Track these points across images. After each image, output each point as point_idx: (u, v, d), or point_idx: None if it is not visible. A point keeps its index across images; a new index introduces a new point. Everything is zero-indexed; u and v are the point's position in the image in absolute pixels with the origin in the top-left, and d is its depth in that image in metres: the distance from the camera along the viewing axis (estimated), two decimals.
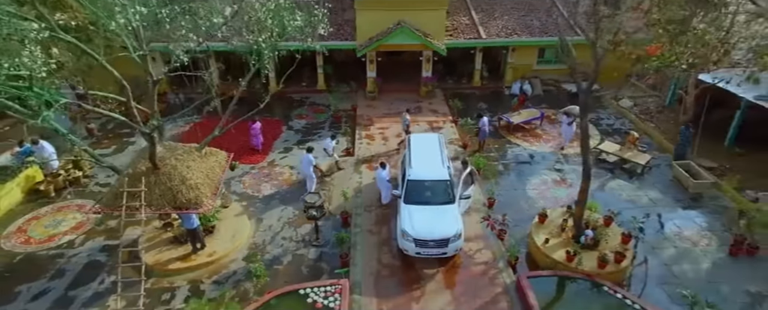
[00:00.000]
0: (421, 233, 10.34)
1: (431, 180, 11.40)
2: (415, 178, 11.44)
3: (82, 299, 9.86)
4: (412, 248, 10.40)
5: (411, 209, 10.91)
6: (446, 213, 10.82)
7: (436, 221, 10.58)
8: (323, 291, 9.60)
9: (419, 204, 11.01)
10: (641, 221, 10.86)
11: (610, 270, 10.09)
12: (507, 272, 10.45)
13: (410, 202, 11.10)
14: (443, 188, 11.30)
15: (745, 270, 10.52)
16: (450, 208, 10.97)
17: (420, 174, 11.51)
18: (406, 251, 10.55)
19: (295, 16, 10.23)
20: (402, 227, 10.58)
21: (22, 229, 12.01)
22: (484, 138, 15.76)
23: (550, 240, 10.91)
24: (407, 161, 12.24)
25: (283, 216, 12.59)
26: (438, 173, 11.58)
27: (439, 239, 10.29)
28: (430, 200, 11.11)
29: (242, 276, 10.48)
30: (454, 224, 10.54)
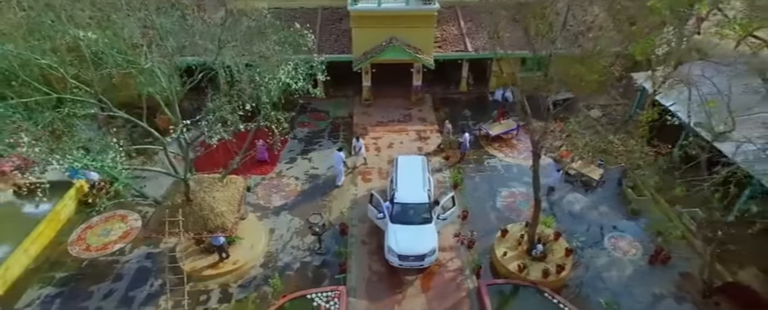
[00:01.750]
0: (403, 249, 12.93)
1: (413, 203, 13.81)
2: (400, 201, 13.88)
3: (139, 299, 12.69)
4: (395, 261, 13.04)
5: (395, 227, 13.43)
6: (424, 232, 13.35)
7: (415, 239, 13.13)
8: (325, 296, 12.38)
9: (403, 223, 13.51)
10: (581, 240, 13.50)
11: (551, 279, 12.82)
12: (471, 279, 13.19)
13: (395, 221, 13.60)
14: (423, 210, 13.75)
15: (657, 276, 13.23)
16: (428, 227, 13.48)
17: (404, 198, 13.93)
18: (391, 262, 13.22)
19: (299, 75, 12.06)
20: (388, 244, 13.17)
21: (81, 237, 14.68)
22: (465, 151, 18.05)
23: (507, 253, 13.57)
24: (394, 184, 14.60)
25: (291, 226, 15.21)
26: (419, 197, 13.98)
27: (418, 255, 12.91)
28: (411, 220, 13.58)
29: (261, 281, 13.25)
30: (430, 242, 13.12)
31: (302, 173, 17.59)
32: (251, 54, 11.53)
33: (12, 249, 13.30)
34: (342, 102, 21.85)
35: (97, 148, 9.40)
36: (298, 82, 11.93)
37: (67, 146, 9.08)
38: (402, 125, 20.14)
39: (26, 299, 12.60)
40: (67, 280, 13.24)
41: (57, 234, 14.73)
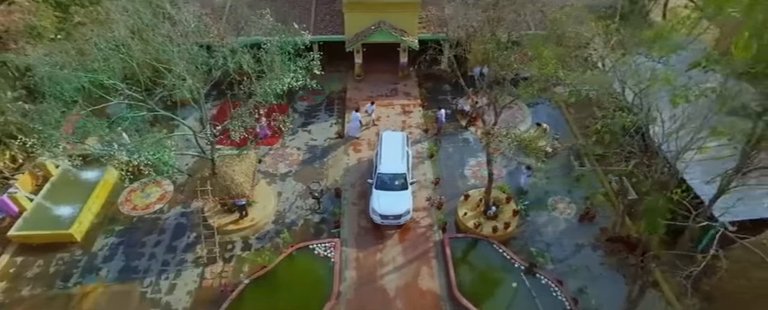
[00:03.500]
0: (384, 210, 16.47)
1: (393, 173, 17.19)
2: (383, 172, 17.24)
3: (180, 247, 16.54)
4: (378, 219, 16.64)
5: (379, 193, 16.90)
6: (402, 196, 16.82)
7: (394, 202, 16.63)
8: (324, 246, 16.19)
9: (384, 190, 16.96)
10: (525, 203, 17.02)
11: (499, 234, 16.49)
12: (438, 234, 16.89)
13: (378, 188, 17.03)
14: (401, 179, 17.15)
15: (582, 230, 16.87)
16: (404, 193, 16.95)
17: (386, 169, 17.28)
18: (374, 220, 16.84)
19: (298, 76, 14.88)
20: (372, 206, 16.71)
21: (127, 199, 18.33)
22: (441, 125, 21.11)
23: (467, 213, 17.16)
24: (379, 157, 17.87)
25: (296, 190, 18.75)
26: (398, 168, 17.33)
27: (396, 215, 16.48)
28: (391, 187, 17.01)
29: (273, 234, 17.00)
30: (405, 205, 16.63)
31: (303, 144, 20.85)
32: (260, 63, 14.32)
33: (81, 207, 17.03)
34: (336, 77, 24.55)
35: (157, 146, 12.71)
36: (298, 80, 14.81)
37: (146, 143, 12.44)
38: (389, 100, 23.03)
39: (98, 245, 16.52)
40: (124, 232, 17.07)
41: (108, 196, 18.38)
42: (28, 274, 15.65)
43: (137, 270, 15.84)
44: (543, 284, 14.97)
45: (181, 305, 14.83)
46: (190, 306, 14.76)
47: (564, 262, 15.88)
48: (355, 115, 20.86)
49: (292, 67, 14.49)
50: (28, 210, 16.98)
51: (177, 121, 15.04)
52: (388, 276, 15.49)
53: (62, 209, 17.36)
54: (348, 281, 15.35)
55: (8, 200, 16.74)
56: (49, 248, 16.36)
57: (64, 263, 16.01)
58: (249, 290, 14.95)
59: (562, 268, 15.68)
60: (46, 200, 17.60)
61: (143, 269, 15.88)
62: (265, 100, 14.27)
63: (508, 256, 15.83)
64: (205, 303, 14.83)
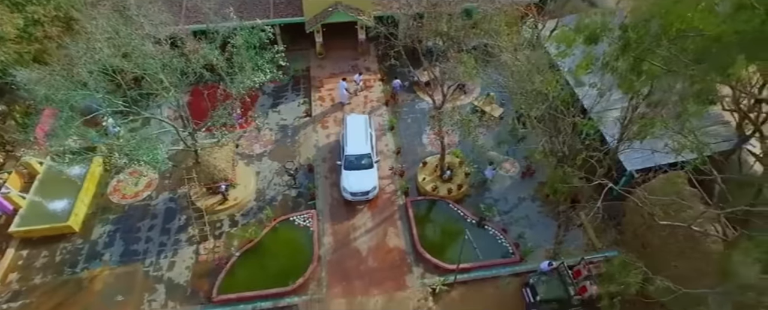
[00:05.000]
0: (353, 188, 18.41)
1: (359, 154, 18.96)
2: (349, 153, 18.98)
3: (174, 229, 18.45)
4: (349, 196, 18.58)
5: (347, 173, 18.76)
6: (368, 175, 18.69)
7: (361, 180, 18.51)
8: (303, 217, 18.44)
9: (352, 169, 18.79)
10: (474, 166, 19.57)
11: (454, 194, 19.11)
12: (402, 198, 19.35)
13: (347, 168, 18.83)
14: (366, 159, 18.93)
15: (524, 185, 19.71)
16: (370, 171, 18.80)
17: (352, 150, 19.01)
18: (346, 197, 18.87)
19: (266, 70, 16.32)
20: (342, 185, 18.62)
21: (116, 188, 19.81)
22: (397, 92, 23.14)
23: (426, 178, 19.61)
24: (344, 140, 19.50)
25: (272, 168, 20.63)
26: (363, 149, 19.07)
27: (364, 191, 18.42)
28: (358, 166, 18.83)
29: (257, 210, 19.06)
30: (372, 182, 18.54)
31: (274, 124, 22.44)
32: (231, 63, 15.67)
33: (74, 200, 18.47)
34: (299, 56, 25.66)
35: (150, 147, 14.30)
36: (267, 75, 16.27)
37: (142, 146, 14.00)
38: (351, 76, 24.53)
39: (96, 234, 18.22)
40: (118, 220, 18.76)
41: (97, 187, 19.79)
42: (37, 264, 17.34)
43: (137, 252, 17.77)
44: (491, 234, 17.88)
45: (182, 278, 17.02)
46: (190, 279, 16.97)
47: (508, 214, 18.75)
48: (342, 84, 22.84)
49: (260, 63, 15.87)
50: (24, 207, 18.31)
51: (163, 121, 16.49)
52: (360, 238, 18.02)
53: (55, 203, 18.75)
54: (326, 246, 17.80)
55: (2, 199, 17.97)
56: (51, 240, 17.97)
57: (68, 252, 17.73)
58: (240, 261, 17.23)
59: (507, 219, 18.57)
60: (39, 196, 18.88)
61: (142, 250, 17.82)
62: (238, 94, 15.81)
63: (462, 213, 18.56)
64: (203, 276, 17.06)
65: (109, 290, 16.73)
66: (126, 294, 16.60)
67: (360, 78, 23.74)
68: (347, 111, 22.53)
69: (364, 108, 23.15)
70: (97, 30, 14.00)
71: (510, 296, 16.36)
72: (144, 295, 16.59)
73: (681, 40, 10.92)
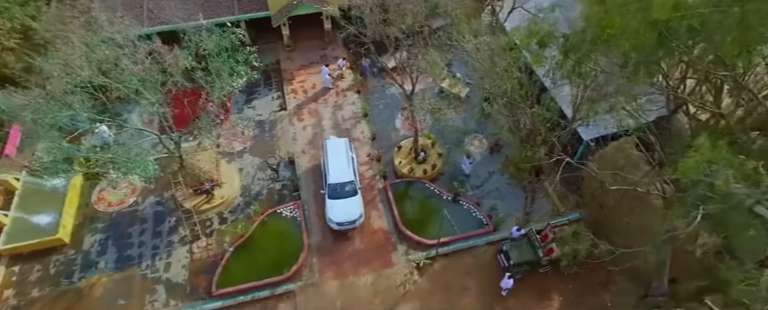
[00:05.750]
0: (338, 218, 18.15)
1: (342, 182, 18.66)
2: (332, 182, 18.69)
3: (165, 232, 19.05)
4: (334, 226, 18.35)
5: (332, 202, 18.39)
6: (353, 203, 18.35)
7: (347, 209, 18.22)
8: (289, 209, 19.39)
9: (336, 198, 18.43)
10: (446, 146, 20.89)
11: (429, 175, 20.43)
12: (381, 182, 20.53)
13: (331, 197, 18.51)
14: (350, 186, 18.68)
15: (493, 160, 21.20)
16: (355, 199, 18.48)
17: (335, 178, 18.72)
18: (331, 227, 18.43)
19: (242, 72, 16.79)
20: (328, 216, 18.29)
21: (100, 198, 20.06)
22: (365, 74, 24.07)
23: (402, 161, 20.81)
24: (326, 168, 19.12)
25: (254, 164, 21.31)
26: (346, 176, 18.75)
27: (351, 221, 18.24)
28: (342, 194, 18.47)
29: (244, 206, 19.84)
30: (357, 210, 18.28)
31: (250, 121, 22.93)
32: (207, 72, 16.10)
33: (60, 212, 18.69)
34: (268, 50, 25.84)
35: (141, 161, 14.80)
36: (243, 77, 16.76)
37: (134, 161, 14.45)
38: (320, 67, 25.09)
39: (87, 244, 18.64)
40: (108, 228, 19.17)
41: (80, 198, 19.99)
42: (31, 278, 17.72)
43: (132, 257, 18.36)
44: (465, 208, 19.40)
45: (180, 277, 17.83)
46: (188, 277, 17.80)
47: (480, 188, 20.28)
48: (324, 70, 23.80)
49: (235, 68, 16.34)
50: (7, 224, 18.42)
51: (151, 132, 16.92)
52: None
53: (40, 217, 18.91)
54: (314, 233, 18.90)
55: None
56: (41, 254, 18.28)
57: (62, 264, 18.14)
58: (234, 256, 18.15)
59: (480, 193, 20.11)
60: (21, 212, 18.95)
61: (137, 255, 18.42)
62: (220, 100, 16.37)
63: (438, 191, 19.97)
64: (200, 273, 17.91)
65: (110, 295, 17.38)
66: (127, 298, 17.30)
67: (343, 63, 24.53)
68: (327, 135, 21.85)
69: (337, 98, 23.91)
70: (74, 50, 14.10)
71: (487, 262, 18.05)
72: (145, 296, 17.34)
73: (613, 41, 12.37)
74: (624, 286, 17.16)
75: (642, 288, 16.83)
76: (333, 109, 23.41)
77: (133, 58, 14.82)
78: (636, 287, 16.94)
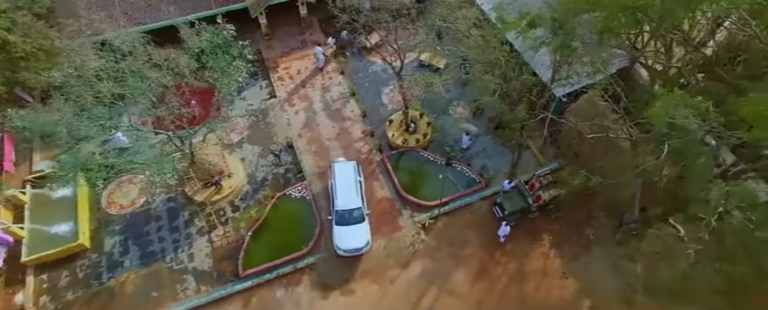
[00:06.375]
0: (345, 245, 18.39)
1: (350, 208, 18.81)
2: (340, 208, 18.88)
3: (182, 225, 20.04)
4: (342, 253, 18.59)
5: (339, 229, 18.61)
6: (360, 230, 18.50)
7: (354, 237, 18.42)
8: (297, 190, 20.71)
9: (343, 225, 18.63)
10: (433, 116, 22.50)
11: (421, 143, 22.07)
12: (377, 155, 22.04)
13: (338, 223, 18.73)
14: (358, 213, 18.83)
15: (476, 123, 22.91)
16: (362, 225, 18.61)
17: (343, 205, 18.88)
18: (338, 253, 18.63)
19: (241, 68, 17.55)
20: (335, 243, 18.48)
21: (110, 201, 20.69)
22: (343, 42, 25.26)
23: (394, 134, 22.32)
24: (334, 193, 19.27)
25: (254, 152, 22.31)
26: (354, 203, 18.88)
27: (358, 248, 18.47)
28: (350, 221, 18.66)
29: (252, 193, 20.98)
30: (364, 237, 18.45)
31: (243, 110, 23.68)
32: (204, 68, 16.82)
33: (75, 219, 19.30)
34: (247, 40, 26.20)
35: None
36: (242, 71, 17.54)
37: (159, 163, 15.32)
38: (302, 52, 25.88)
39: (108, 246, 19.46)
40: (125, 229, 19.97)
41: (91, 204, 20.54)
42: (62, 284, 18.52)
43: (155, 253, 19.37)
44: (458, 170, 21.27)
45: (205, 265, 19.05)
46: (213, 264, 19.04)
47: (469, 150, 22.14)
48: (318, 50, 24.68)
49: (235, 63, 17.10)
50: (26, 237, 18.91)
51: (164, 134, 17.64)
52: None
53: (56, 227, 19.46)
54: (324, 209, 20.36)
55: (2, 233, 18.44)
56: (65, 261, 19.00)
57: (88, 267, 18.96)
58: (253, 239, 19.44)
59: (469, 155, 21.97)
60: (36, 223, 19.43)
61: (159, 250, 19.43)
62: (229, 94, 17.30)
63: (431, 157, 21.71)
64: (223, 259, 19.17)
65: (141, 290, 18.45)
66: (159, 290, 18.44)
67: (333, 41, 25.46)
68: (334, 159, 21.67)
69: (324, 80, 24.90)
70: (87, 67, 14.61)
71: (484, 216, 20.14)
72: (176, 287, 18.52)
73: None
74: (602, 220, 19.68)
75: (617, 219, 19.40)
76: (321, 91, 24.48)
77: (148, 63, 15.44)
78: (612, 219, 19.49)
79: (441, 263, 18.98)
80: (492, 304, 18.02)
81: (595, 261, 18.75)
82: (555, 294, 18.17)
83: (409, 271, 18.82)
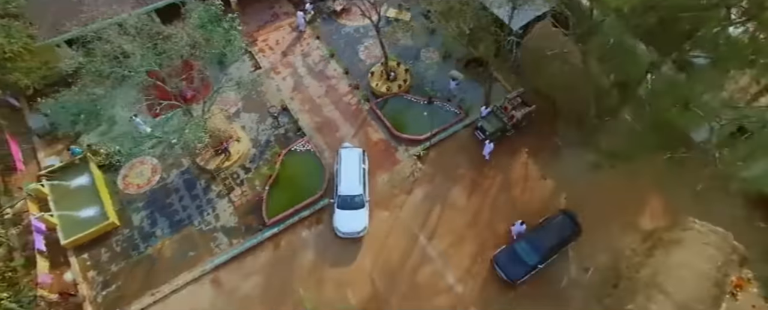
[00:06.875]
0: (344, 228, 19.76)
1: (352, 195, 20.08)
2: (342, 193, 20.14)
3: (200, 192, 21.81)
4: (340, 234, 19.99)
5: (340, 212, 19.93)
6: (359, 215, 19.83)
7: (354, 221, 19.77)
8: (301, 145, 22.83)
9: (344, 209, 19.92)
10: (409, 62, 24.94)
11: (403, 88, 24.52)
12: (366, 104, 24.35)
13: (340, 207, 20.03)
14: (359, 199, 20.07)
15: (447, 65, 25.54)
16: (361, 211, 19.89)
17: (346, 191, 20.13)
18: (337, 235, 20.09)
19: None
20: (335, 225, 19.84)
21: (126, 183, 22.08)
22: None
23: (378, 83, 24.63)
24: (338, 177, 20.53)
25: (252, 119, 24.09)
26: (356, 190, 20.14)
27: (355, 232, 19.87)
28: (351, 206, 19.95)
29: (259, 154, 22.91)
30: (363, 222, 19.75)
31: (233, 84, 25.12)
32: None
33: (99, 202, 20.70)
34: None
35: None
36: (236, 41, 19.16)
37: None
38: (276, 24, 27.40)
39: (136, 221, 21.06)
40: (148, 204, 21.56)
41: (108, 188, 21.87)
42: (103, 259, 20.10)
43: (182, 220, 21.15)
44: (439, 106, 23.95)
45: (232, 222, 21.05)
46: (238, 220, 21.06)
47: (446, 88, 24.79)
48: (299, 14, 26.58)
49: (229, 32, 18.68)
50: (59, 224, 20.17)
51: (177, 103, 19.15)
52: (351, 143, 23.06)
53: (84, 211, 20.75)
54: (328, 158, 22.63)
55: (39, 222, 19.64)
56: (100, 240, 20.49)
57: (123, 241, 20.56)
58: (270, 194, 21.50)
59: (446, 93, 24.63)
60: (63, 210, 20.63)
61: (186, 217, 21.23)
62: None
63: (414, 99, 24.25)
64: (247, 214, 21.22)
65: (178, 252, 20.31)
66: (194, 250, 20.35)
67: (311, 6, 27.21)
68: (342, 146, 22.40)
69: (302, 46, 26.66)
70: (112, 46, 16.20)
71: (467, 141, 23.03)
72: (209, 244, 20.49)
73: None
74: (566, 129, 22.98)
75: (578, 125, 22.75)
76: (302, 57, 26.30)
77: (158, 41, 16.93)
78: (574, 126, 22.79)
79: (439, 185, 21.85)
80: (487, 211, 21.15)
81: (564, 161, 22.12)
82: (537, 194, 21.49)
83: (413, 196, 21.59)
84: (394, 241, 20.36)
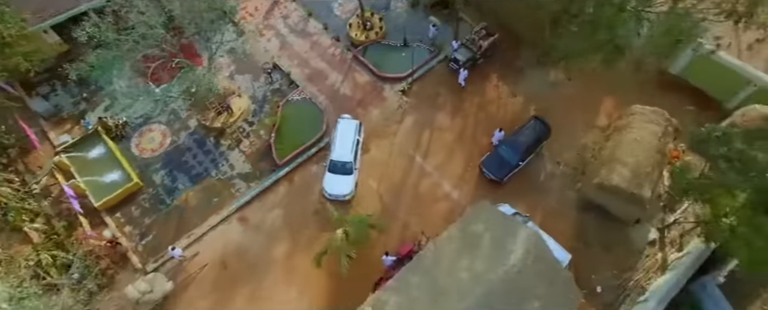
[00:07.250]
0: (332, 191, 21.39)
1: (343, 161, 21.66)
2: (334, 158, 21.79)
3: (212, 148, 23.87)
4: (327, 196, 21.58)
5: (329, 175, 21.60)
6: (347, 180, 21.47)
7: (340, 184, 21.43)
8: (296, 94, 25.12)
9: (334, 173, 21.62)
10: (383, 11, 27.39)
11: (379, 35, 26.96)
12: (348, 53, 26.73)
13: (330, 171, 21.69)
14: (349, 166, 21.64)
15: (418, 12, 28.20)
16: (349, 177, 21.51)
17: (337, 157, 21.73)
18: (325, 196, 21.80)
19: None
20: (323, 186, 21.58)
21: (141, 149, 23.86)
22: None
23: (357, 34, 27.00)
24: (333, 144, 22.29)
25: (246, 79, 26.10)
26: (347, 157, 21.66)
27: (342, 195, 21.46)
28: (340, 171, 21.56)
29: (260, 108, 25.06)
30: (349, 187, 21.35)
31: (223, 52, 26.96)
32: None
33: (120, 166, 22.56)
34: None
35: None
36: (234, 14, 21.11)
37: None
38: None
39: (157, 179, 23.05)
40: (164, 165, 23.50)
41: (124, 155, 23.58)
42: (135, 215, 22.07)
43: (200, 173, 23.25)
44: (416, 47, 26.63)
45: (246, 169, 23.32)
46: (252, 166, 23.33)
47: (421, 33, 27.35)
48: None
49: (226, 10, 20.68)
50: (88, 189, 21.87)
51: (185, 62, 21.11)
52: (341, 88, 25.58)
53: (108, 176, 22.55)
54: (323, 102, 25.04)
55: (70, 189, 21.29)
56: (128, 200, 22.38)
57: (150, 198, 22.54)
58: (276, 140, 23.80)
59: (420, 35, 27.27)
60: (89, 177, 22.30)
61: (203, 170, 23.33)
62: None
63: (392, 43, 26.83)
64: (258, 160, 23.51)
65: (203, 201, 22.47)
66: (217, 196, 22.55)
67: None
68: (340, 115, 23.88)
69: (281, 10, 28.59)
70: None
71: (443, 74, 25.87)
72: (230, 190, 22.73)
73: None
74: (527, 54, 26.11)
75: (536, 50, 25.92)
76: (282, 19, 28.29)
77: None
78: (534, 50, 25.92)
79: (425, 112, 24.70)
80: (470, 127, 24.23)
81: (529, 79, 25.37)
82: (510, 109, 24.70)
83: (404, 125, 24.40)
84: (394, 162, 23.19)
